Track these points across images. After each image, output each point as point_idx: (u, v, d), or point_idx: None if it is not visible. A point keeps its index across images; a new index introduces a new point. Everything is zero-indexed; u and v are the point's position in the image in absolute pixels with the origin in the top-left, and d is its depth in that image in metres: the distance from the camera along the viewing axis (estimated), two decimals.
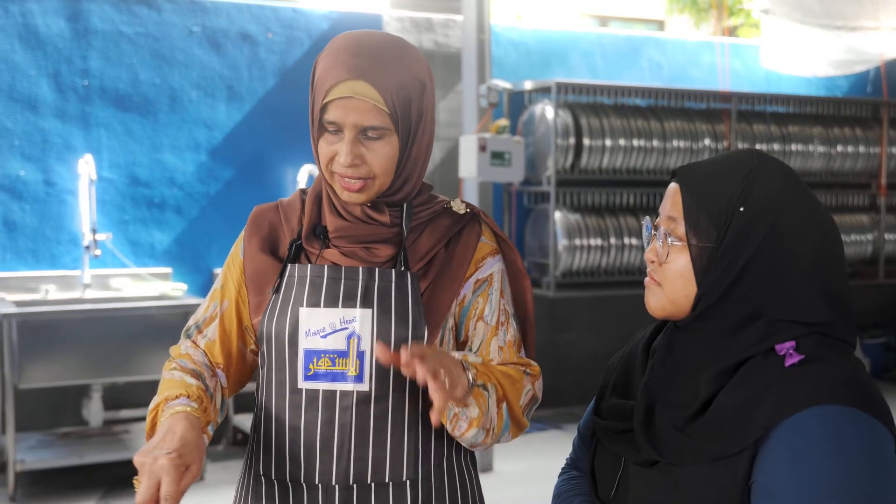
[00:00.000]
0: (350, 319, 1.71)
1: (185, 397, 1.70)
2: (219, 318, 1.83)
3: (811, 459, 1.30)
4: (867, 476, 1.29)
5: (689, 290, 1.45)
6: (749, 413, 1.35)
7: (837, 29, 6.37)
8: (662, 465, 1.43)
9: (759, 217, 1.41)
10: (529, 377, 1.80)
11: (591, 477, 1.62)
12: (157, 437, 1.59)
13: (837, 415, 1.32)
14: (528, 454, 5.73)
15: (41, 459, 5.04)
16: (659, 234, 1.49)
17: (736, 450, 1.35)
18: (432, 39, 6.55)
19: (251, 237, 1.82)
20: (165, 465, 1.51)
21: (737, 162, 1.47)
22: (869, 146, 7.45)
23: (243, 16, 6.04)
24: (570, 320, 7.02)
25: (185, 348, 1.84)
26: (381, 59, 1.68)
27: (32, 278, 5.54)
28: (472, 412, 1.65)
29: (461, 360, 1.65)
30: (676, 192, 1.48)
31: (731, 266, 1.41)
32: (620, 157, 6.53)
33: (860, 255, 7.53)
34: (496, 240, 1.84)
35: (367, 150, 1.68)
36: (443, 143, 6.60)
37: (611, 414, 1.56)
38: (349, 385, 1.71)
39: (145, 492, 1.49)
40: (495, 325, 1.80)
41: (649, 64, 7.31)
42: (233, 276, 1.84)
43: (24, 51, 5.60)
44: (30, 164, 5.61)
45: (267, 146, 6.07)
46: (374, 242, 1.75)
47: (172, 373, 1.78)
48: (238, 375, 1.87)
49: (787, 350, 1.38)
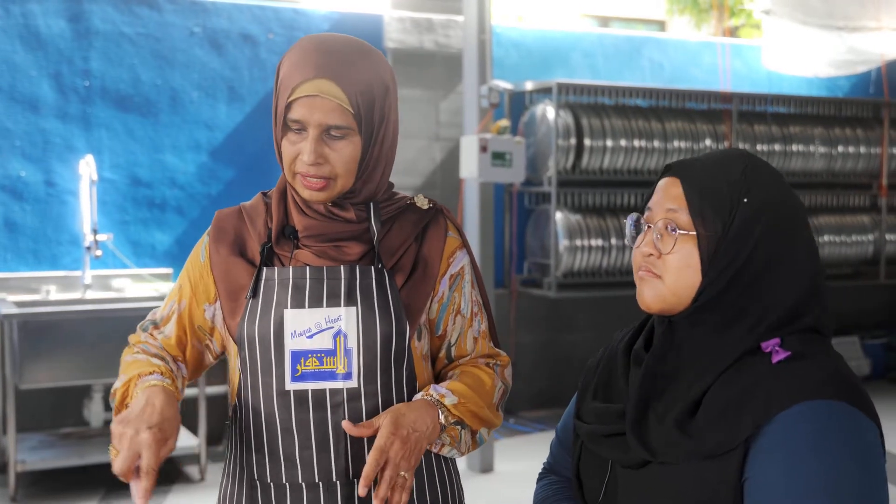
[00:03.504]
0: (335, 318, 1.73)
1: (158, 374, 1.73)
2: (176, 316, 1.86)
3: (803, 454, 1.32)
4: (857, 469, 1.31)
5: (694, 281, 1.45)
6: (740, 411, 1.36)
7: (839, 29, 6.36)
8: (653, 466, 1.43)
9: (762, 208, 1.43)
10: (500, 368, 1.88)
11: (577, 481, 1.62)
12: (136, 407, 1.61)
13: (826, 409, 1.33)
14: (528, 454, 5.73)
15: (42, 460, 5.04)
16: (656, 227, 1.49)
17: (729, 447, 1.36)
18: (433, 40, 6.55)
19: (218, 242, 1.83)
20: (147, 439, 1.54)
21: (731, 157, 1.49)
22: (870, 147, 7.45)
23: (244, 16, 6.05)
24: (572, 321, 7.02)
25: (143, 338, 1.88)
26: (348, 59, 1.69)
27: (33, 279, 5.55)
28: (444, 449, 1.79)
29: (437, 401, 1.74)
30: (674, 185, 1.49)
31: (737, 256, 1.42)
32: (621, 158, 6.53)
33: (861, 256, 7.53)
34: (458, 234, 1.88)
35: (330, 150, 1.70)
36: (444, 144, 6.60)
37: (595, 418, 1.55)
38: (339, 383, 1.73)
39: (124, 462, 1.53)
40: (470, 317, 1.86)
41: (650, 64, 7.31)
42: (191, 278, 1.86)
43: (25, 51, 5.60)
44: (31, 164, 5.61)
45: (268, 147, 6.06)
46: (344, 240, 1.77)
47: (136, 355, 1.82)
48: (193, 370, 1.90)
49: (773, 347, 1.40)
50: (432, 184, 6.58)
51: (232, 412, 1.84)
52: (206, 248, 1.85)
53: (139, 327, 1.92)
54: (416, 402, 1.75)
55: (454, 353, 1.87)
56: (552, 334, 6.96)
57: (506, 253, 6.81)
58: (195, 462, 5.38)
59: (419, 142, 6.50)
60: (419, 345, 1.81)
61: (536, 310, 6.85)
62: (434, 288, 1.81)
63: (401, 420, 1.68)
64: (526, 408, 6.74)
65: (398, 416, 1.68)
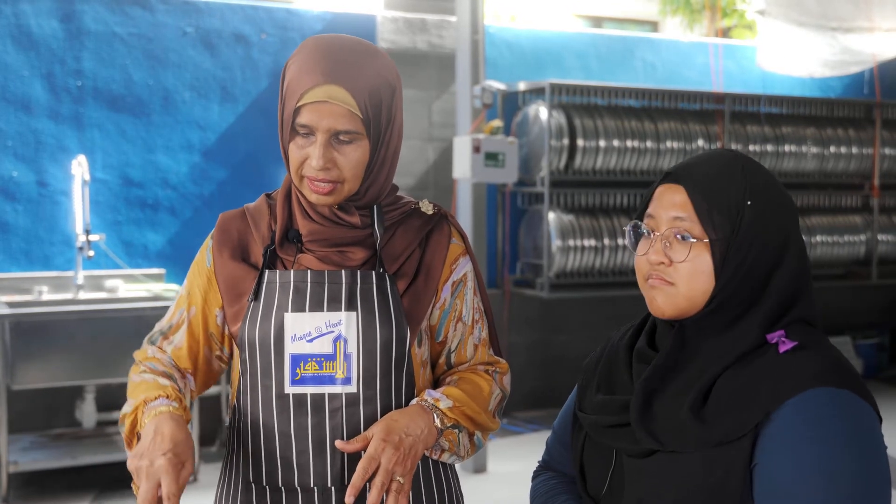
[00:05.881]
0: (336, 323, 1.73)
1: (164, 398, 1.71)
2: (186, 324, 1.84)
3: (811, 441, 1.36)
4: (858, 453, 1.37)
5: (707, 285, 1.48)
6: (750, 398, 1.41)
7: (833, 30, 6.38)
8: (661, 454, 1.46)
9: (765, 209, 1.48)
10: (498, 375, 1.88)
11: (581, 474, 1.63)
12: (146, 439, 1.60)
13: (833, 396, 1.39)
14: (522, 454, 5.73)
15: (34, 461, 5.02)
16: (664, 235, 1.51)
17: (739, 434, 1.40)
18: (426, 40, 6.55)
19: (221, 245, 1.82)
20: (163, 465, 1.53)
21: (727, 159, 1.53)
22: (862, 147, 7.47)
23: (237, 16, 6.04)
24: (564, 321, 7.02)
25: (151, 352, 1.85)
26: (356, 63, 1.69)
27: (25, 279, 5.53)
28: (444, 455, 1.78)
29: (431, 406, 1.74)
30: (676, 191, 1.51)
31: (747, 257, 1.46)
32: (614, 158, 6.54)
33: (853, 256, 7.54)
34: (462, 240, 1.88)
35: (339, 154, 1.69)
36: (437, 144, 6.60)
37: (599, 409, 1.58)
38: (337, 388, 1.73)
39: (146, 494, 1.52)
40: (471, 324, 1.86)
41: (643, 65, 7.32)
42: (199, 284, 1.84)
43: (17, 51, 5.58)
44: (23, 164, 5.60)
45: (260, 147, 6.06)
46: (347, 245, 1.76)
47: (143, 375, 1.79)
48: (204, 380, 1.88)
49: (779, 338, 1.45)
50: (425, 184, 6.57)
51: (231, 414, 1.84)
52: (211, 252, 1.84)
53: (147, 339, 1.89)
54: (410, 407, 1.74)
55: (454, 359, 1.87)
56: (545, 334, 6.96)
57: (498, 253, 6.81)
58: None
59: (412, 142, 6.50)
60: (419, 351, 1.81)
61: (529, 310, 6.85)
62: (436, 294, 1.81)
63: (392, 426, 1.67)
64: (518, 408, 6.74)
65: (390, 423, 1.68)
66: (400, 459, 1.65)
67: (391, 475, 1.63)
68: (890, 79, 7.95)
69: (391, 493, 1.64)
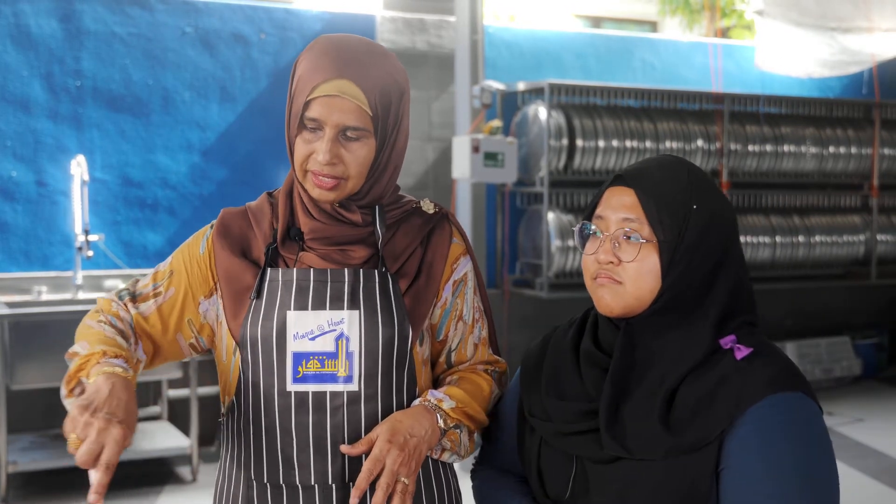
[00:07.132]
0: (338, 321, 1.73)
1: (123, 359, 1.69)
2: (162, 300, 1.82)
3: (776, 442, 1.44)
4: (819, 451, 1.46)
5: (654, 285, 1.54)
6: (713, 406, 1.47)
7: (831, 30, 6.38)
8: (626, 461, 1.50)
9: (708, 213, 1.55)
10: (497, 375, 1.90)
11: (538, 476, 1.66)
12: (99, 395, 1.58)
13: (791, 400, 1.47)
14: None
15: (34, 461, 5.02)
16: (613, 236, 1.57)
17: (707, 441, 1.46)
18: (425, 40, 6.55)
19: (222, 238, 1.81)
20: (117, 435, 1.53)
21: (674, 164, 1.60)
22: (861, 147, 7.47)
23: (236, 16, 6.04)
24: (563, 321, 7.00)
25: (115, 307, 1.83)
26: (368, 61, 1.69)
27: (24, 279, 5.53)
28: (444, 455, 1.78)
29: (435, 406, 1.74)
30: (626, 193, 1.57)
31: (693, 259, 1.53)
32: (613, 158, 6.54)
33: (852, 256, 7.54)
34: (463, 239, 1.88)
35: (346, 151, 1.69)
36: (436, 144, 6.60)
37: (557, 415, 1.61)
38: (339, 386, 1.73)
39: (89, 454, 1.53)
40: (471, 323, 1.88)
41: (642, 65, 7.32)
42: (186, 267, 1.83)
43: (17, 51, 5.58)
44: (22, 164, 5.60)
45: (260, 147, 6.06)
46: (349, 244, 1.77)
47: (103, 326, 1.78)
48: (159, 360, 1.86)
49: (732, 344, 1.52)
50: (424, 184, 6.58)
51: (227, 411, 1.83)
52: (207, 241, 1.83)
53: (115, 293, 1.86)
54: (413, 408, 1.75)
55: (454, 358, 1.88)
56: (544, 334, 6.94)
57: (498, 253, 6.81)
58: (187, 463, 5.36)
59: (411, 142, 6.49)
60: (421, 350, 1.81)
61: (528, 310, 6.85)
62: (437, 293, 1.82)
63: (397, 427, 1.68)
64: None
65: (394, 424, 1.69)
66: (405, 460, 1.65)
67: (396, 476, 1.64)
68: (889, 79, 7.95)
69: (396, 495, 1.64)
